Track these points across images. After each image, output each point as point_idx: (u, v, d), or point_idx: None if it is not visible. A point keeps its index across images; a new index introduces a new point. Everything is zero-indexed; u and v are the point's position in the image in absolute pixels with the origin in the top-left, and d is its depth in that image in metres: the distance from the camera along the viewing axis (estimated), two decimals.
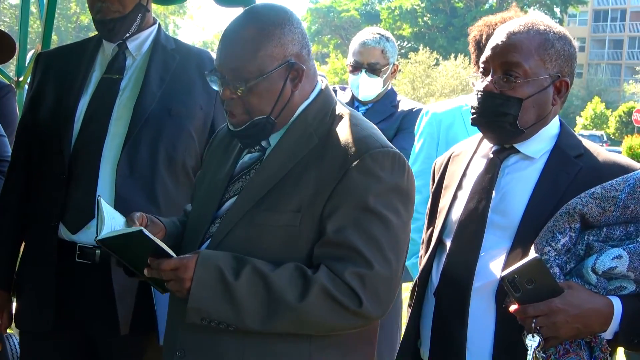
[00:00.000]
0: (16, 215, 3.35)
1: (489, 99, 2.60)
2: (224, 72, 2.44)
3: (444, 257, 2.69)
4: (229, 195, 2.53)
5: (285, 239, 2.39)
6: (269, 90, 2.43)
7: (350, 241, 2.32)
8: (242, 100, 2.42)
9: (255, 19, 2.45)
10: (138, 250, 2.36)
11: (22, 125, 3.45)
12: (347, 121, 2.50)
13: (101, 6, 3.19)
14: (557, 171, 2.58)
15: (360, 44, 4.80)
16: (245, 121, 2.45)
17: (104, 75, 3.29)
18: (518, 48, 2.57)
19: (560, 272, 2.39)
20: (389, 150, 2.42)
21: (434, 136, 4.11)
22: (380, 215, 2.35)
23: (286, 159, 2.45)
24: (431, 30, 66.68)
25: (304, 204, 2.37)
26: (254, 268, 2.33)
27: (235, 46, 2.43)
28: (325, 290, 2.29)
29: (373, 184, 2.35)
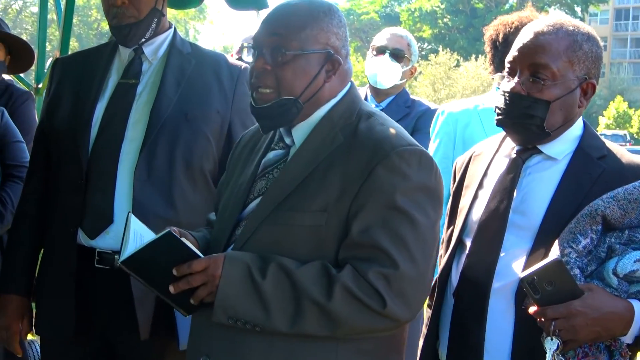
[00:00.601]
0: (35, 222, 3.34)
1: (516, 100, 2.57)
2: (264, 41, 2.43)
3: (463, 257, 2.67)
4: (253, 195, 2.51)
5: (311, 240, 2.36)
6: (304, 70, 2.43)
7: (375, 240, 2.28)
8: (275, 72, 2.41)
9: (309, 2, 2.49)
10: (164, 261, 2.31)
11: (39, 131, 3.45)
12: (374, 120, 2.48)
13: (117, 12, 3.19)
14: (580, 172, 2.56)
15: (389, 32, 4.94)
16: (272, 99, 2.42)
17: (120, 80, 3.28)
18: (546, 49, 2.54)
19: (581, 274, 2.36)
20: (416, 148, 2.39)
21: (450, 136, 4.09)
22: (407, 214, 2.31)
23: (311, 158, 2.43)
24: (451, 31, 66.54)
25: (329, 204, 2.35)
26: (279, 265, 2.31)
27: (284, 16, 2.45)
28: (348, 290, 2.26)
29: (400, 181, 2.32)
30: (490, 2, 64.74)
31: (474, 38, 62.61)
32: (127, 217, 2.48)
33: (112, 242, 3.11)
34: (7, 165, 4.06)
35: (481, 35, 4.45)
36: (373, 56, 4.87)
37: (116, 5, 3.17)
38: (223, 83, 3.29)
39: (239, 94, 3.31)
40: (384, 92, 4.84)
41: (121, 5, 3.17)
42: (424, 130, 4.63)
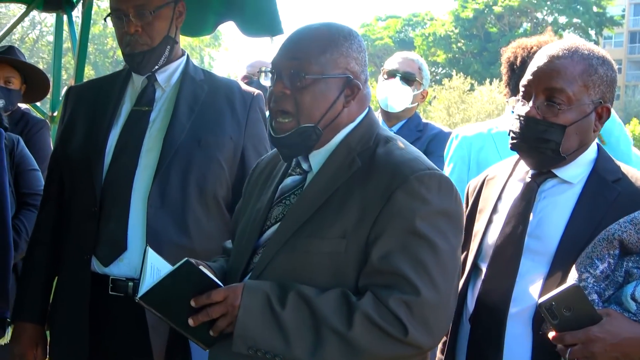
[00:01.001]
0: (49, 249, 3.34)
1: (532, 124, 2.56)
2: (283, 65, 2.41)
3: (479, 282, 2.65)
4: (270, 222, 2.49)
5: (330, 267, 2.31)
6: (324, 95, 2.40)
7: (396, 267, 2.24)
8: (294, 97, 2.39)
9: (328, 26, 2.48)
10: (182, 293, 2.29)
11: (53, 159, 3.46)
12: (392, 145, 2.45)
13: (130, 39, 3.21)
14: (595, 196, 2.55)
15: (400, 56, 4.94)
16: (292, 127, 2.39)
17: (133, 108, 3.30)
18: (562, 73, 2.54)
19: (599, 299, 2.34)
20: (436, 172, 2.35)
21: (464, 159, 4.07)
22: (428, 239, 2.26)
23: (328, 184, 2.40)
24: (465, 55, 66.61)
25: (348, 230, 2.30)
26: (298, 293, 2.27)
27: (304, 40, 2.44)
28: (369, 318, 2.21)
29: (419, 206, 2.27)
30: (505, 27, 64.81)
31: (488, 62, 62.67)
32: (145, 251, 2.46)
33: (126, 269, 3.11)
34: (22, 193, 4.08)
35: (495, 60, 4.46)
36: (384, 80, 4.87)
37: (129, 33, 3.19)
38: (236, 109, 3.29)
39: (251, 120, 3.31)
40: (395, 115, 4.84)
41: (134, 33, 3.19)
42: (436, 153, 4.62)
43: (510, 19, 65.09)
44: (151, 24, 3.19)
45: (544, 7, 65.09)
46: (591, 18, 64.60)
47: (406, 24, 73.92)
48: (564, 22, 65.58)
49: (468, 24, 65.99)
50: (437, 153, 4.58)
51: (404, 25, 73.69)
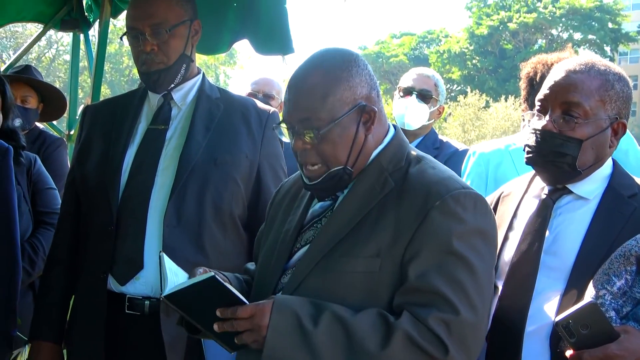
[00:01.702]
0: (66, 268, 3.35)
1: (548, 138, 2.56)
2: (294, 122, 2.38)
3: (495, 299, 2.64)
4: (300, 244, 2.47)
5: (364, 286, 2.29)
6: (343, 136, 2.36)
7: (433, 286, 2.21)
8: (316, 150, 2.36)
9: (320, 64, 2.41)
10: (207, 302, 2.28)
11: (70, 178, 3.47)
12: (424, 164, 2.43)
13: (146, 58, 3.22)
14: (611, 212, 2.54)
15: (415, 72, 4.92)
16: (322, 173, 2.39)
17: (150, 126, 3.31)
18: (579, 87, 2.54)
19: (617, 315, 2.32)
20: (471, 191, 2.34)
21: (482, 176, 4.05)
22: (464, 259, 2.25)
23: (361, 204, 2.38)
24: (480, 72, 66.57)
25: (383, 249, 2.28)
26: (333, 314, 2.23)
27: (303, 95, 2.37)
28: (409, 338, 2.18)
29: (455, 225, 2.26)
30: (519, 43, 64.78)
31: (503, 79, 62.62)
32: (160, 257, 2.46)
33: (143, 287, 3.11)
34: (40, 212, 4.09)
35: (510, 76, 4.44)
36: (400, 97, 4.86)
37: (145, 51, 3.20)
38: (252, 127, 3.30)
39: (267, 138, 3.31)
40: (412, 133, 4.82)
41: (150, 51, 3.20)
42: None
43: (525, 36, 65.06)
44: (167, 43, 3.21)
45: (559, 23, 65.02)
46: (606, 34, 64.48)
47: (421, 41, 74.00)
48: (579, 38, 65.49)
49: (483, 41, 65.99)
50: (456, 171, 4.56)
51: (419, 42, 73.77)
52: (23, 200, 4.02)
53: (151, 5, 3.20)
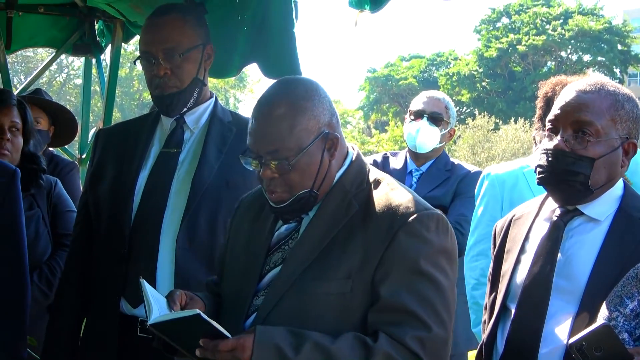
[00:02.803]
0: (79, 290, 3.36)
1: (560, 157, 2.56)
2: (261, 153, 2.42)
3: (508, 323, 2.64)
4: (270, 266, 2.52)
5: (336, 307, 2.36)
6: (309, 164, 2.42)
7: (405, 305, 2.30)
8: (284, 179, 2.42)
9: (285, 95, 2.46)
10: (192, 333, 2.33)
11: (83, 201, 3.48)
12: (386, 186, 2.50)
13: (159, 82, 3.24)
14: (623, 233, 2.54)
15: (425, 96, 4.92)
16: (288, 198, 2.44)
17: (162, 150, 3.33)
18: (590, 107, 2.55)
19: (630, 337, 2.32)
20: (433, 212, 2.42)
21: (497, 198, 4.05)
22: (431, 278, 2.34)
23: (328, 227, 2.45)
24: (490, 94, 66.53)
25: (353, 271, 2.36)
26: (314, 342, 2.28)
27: (271, 127, 2.41)
28: (389, 358, 2.26)
29: (422, 246, 2.35)
30: (529, 66, 64.78)
31: (513, 101, 62.57)
32: (141, 283, 2.50)
33: None
34: (59, 234, 4.11)
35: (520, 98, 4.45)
36: (411, 120, 4.86)
37: (159, 75, 3.23)
38: None
39: None
40: (423, 156, 4.83)
41: (164, 75, 3.22)
42: (465, 194, 4.60)
43: (534, 58, 65.05)
44: (180, 67, 3.23)
45: (568, 45, 65.00)
46: (616, 56, 64.43)
47: (430, 64, 74.03)
48: (589, 60, 65.45)
49: (492, 63, 65.99)
50: (467, 194, 4.57)
51: (428, 65, 73.79)
52: (42, 223, 4.04)
53: (164, 29, 3.23)
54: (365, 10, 3.41)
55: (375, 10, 3.37)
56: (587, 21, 63.59)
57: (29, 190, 3.96)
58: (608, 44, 64.12)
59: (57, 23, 5.50)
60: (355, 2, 3.45)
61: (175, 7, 3.39)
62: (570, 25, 63.19)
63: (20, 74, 47.26)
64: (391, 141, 53.56)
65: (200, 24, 3.35)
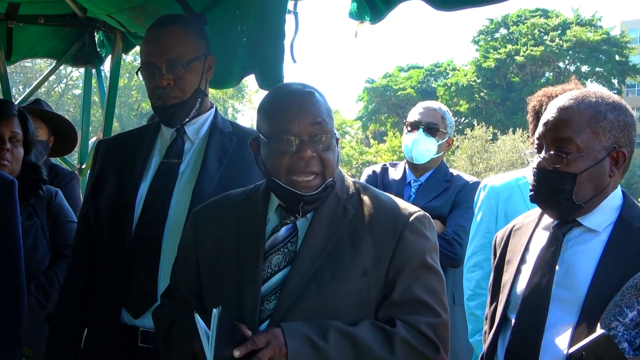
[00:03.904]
0: (79, 301, 3.35)
1: (544, 175, 2.60)
2: (306, 131, 2.56)
3: (508, 333, 2.65)
4: (272, 270, 2.60)
5: (355, 303, 2.54)
6: (336, 151, 2.63)
7: (417, 296, 2.55)
8: (321, 159, 2.58)
9: (314, 88, 2.67)
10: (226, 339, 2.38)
11: (83, 212, 3.48)
12: (372, 191, 2.75)
13: (162, 92, 3.25)
14: (622, 243, 2.55)
15: (422, 106, 4.93)
16: (319, 184, 2.59)
17: (163, 160, 3.33)
18: (568, 123, 2.57)
19: (629, 347, 2.33)
20: (425, 213, 2.71)
21: (492, 210, 4.07)
22: (433, 269, 2.63)
23: (330, 229, 2.62)
24: (488, 105, 66.57)
25: (368, 268, 2.56)
26: (338, 329, 2.46)
27: (315, 104, 2.61)
28: (407, 342, 2.50)
29: (425, 242, 2.64)
30: (527, 76, 64.88)
31: (511, 111, 62.62)
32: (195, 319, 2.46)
33: None
34: (58, 244, 4.11)
35: (518, 109, 4.46)
36: (408, 132, 4.87)
37: (161, 86, 3.23)
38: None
39: None
40: (422, 167, 4.84)
41: (166, 86, 3.23)
42: (464, 205, 4.61)
43: (532, 69, 65.20)
44: (183, 78, 3.25)
45: (566, 56, 65.15)
46: (614, 67, 64.57)
47: (428, 74, 74.11)
48: (587, 71, 65.59)
49: (490, 74, 66.10)
50: (465, 205, 4.58)
51: (426, 75, 73.87)
52: (41, 233, 4.05)
53: (167, 40, 3.24)
54: (365, 21, 3.42)
55: (375, 21, 3.38)
56: (585, 32, 63.75)
57: (28, 200, 3.96)
58: (606, 54, 64.28)
59: (58, 34, 5.52)
60: (355, 13, 3.46)
61: (177, 18, 3.41)
62: (568, 36, 63.34)
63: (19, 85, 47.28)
64: (389, 151, 53.62)
65: (201, 35, 3.36)
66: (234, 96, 60.50)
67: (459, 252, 4.49)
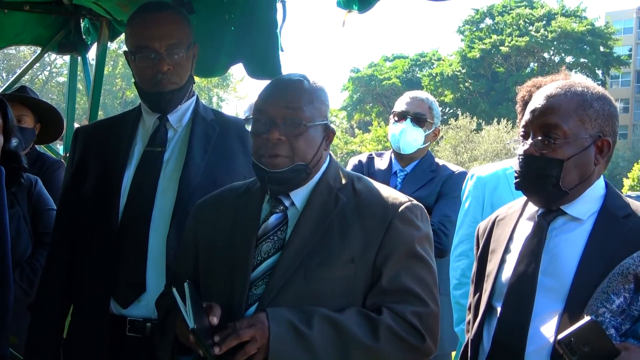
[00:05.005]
0: (62, 290, 3.33)
1: (531, 161, 2.61)
2: (277, 113, 2.61)
3: (494, 322, 2.66)
4: (262, 257, 2.65)
5: (341, 290, 2.57)
6: (313, 140, 2.65)
7: (405, 284, 2.57)
8: (290, 142, 2.61)
9: (306, 78, 2.72)
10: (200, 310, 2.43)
11: (64, 202, 3.44)
12: (365, 181, 2.79)
13: (161, 78, 3.22)
14: (606, 232, 2.56)
15: (409, 96, 4.92)
16: (287, 164, 2.62)
17: (146, 148, 3.30)
18: (556, 110, 2.59)
19: (616, 333, 2.34)
20: (417, 202, 2.74)
21: (479, 199, 4.09)
22: (423, 259, 2.65)
23: (320, 217, 2.65)
24: (473, 95, 66.73)
25: (356, 255, 2.58)
26: (322, 316, 2.49)
27: (295, 91, 2.66)
28: (392, 330, 2.51)
29: (414, 232, 2.65)
30: (512, 67, 65.03)
31: (496, 102, 62.81)
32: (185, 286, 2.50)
33: (144, 310, 3.11)
34: (40, 233, 4.09)
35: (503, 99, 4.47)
36: (395, 122, 4.87)
37: (161, 71, 3.21)
38: (247, 148, 3.30)
39: None
40: (407, 157, 4.83)
41: (166, 71, 3.21)
42: (449, 195, 4.62)
43: (517, 59, 65.35)
44: (180, 64, 3.24)
45: (551, 47, 65.34)
46: (598, 58, 64.84)
47: (413, 64, 74.21)
48: (571, 61, 65.81)
49: (475, 64, 66.25)
50: (451, 195, 4.59)
51: (411, 65, 73.96)
52: (23, 221, 4.02)
53: (165, 25, 3.22)
54: (353, 11, 3.41)
55: (363, 10, 3.37)
56: (570, 23, 63.94)
57: (9, 188, 3.94)
58: (590, 45, 64.54)
59: (43, 21, 5.47)
60: (343, 2, 3.45)
61: (166, 4, 3.38)
62: (553, 26, 63.53)
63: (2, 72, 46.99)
64: (374, 141, 53.62)
65: (189, 22, 3.35)
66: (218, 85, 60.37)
67: (444, 242, 4.50)
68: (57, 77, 57.53)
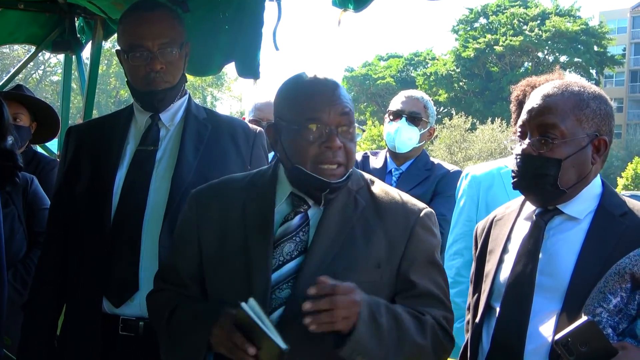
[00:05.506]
0: (54, 290, 3.31)
1: (528, 161, 2.61)
2: (338, 121, 2.58)
3: (493, 322, 2.66)
4: (284, 258, 2.58)
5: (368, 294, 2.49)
6: (356, 143, 2.66)
7: (431, 290, 2.64)
8: (346, 149, 2.59)
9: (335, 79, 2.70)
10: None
11: (56, 201, 3.43)
12: (380, 184, 2.78)
13: (155, 76, 3.21)
14: (603, 231, 2.57)
15: (404, 95, 4.92)
16: (344, 173, 2.61)
17: (139, 147, 3.28)
18: (553, 109, 2.59)
19: (613, 332, 2.34)
20: (432, 209, 2.76)
21: (474, 198, 4.09)
22: (440, 267, 2.72)
23: (342, 220, 2.63)
24: (467, 94, 66.78)
25: (382, 261, 2.60)
26: (386, 306, 2.51)
27: (342, 92, 2.62)
28: (435, 331, 2.58)
29: (433, 239, 2.71)
30: (506, 66, 65.09)
31: (490, 101, 62.87)
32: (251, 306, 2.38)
33: (137, 309, 3.10)
34: (35, 232, 4.08)
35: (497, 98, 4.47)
36: (390, 121, 4.87)
37: (154, 70, 3.20)
38: (240, 147, 3.31)
39: (255, 158, 3.34)
40: (402, 155, 4.83)
41: (159, 70, 3.20)
42: (444, 193, 4.62)
43: (511, 59, 65.41)
44: (173, 63, 3.23)
45: (545, 46, 65.40)
46: (592, 57, 64.92)
47: (407, 63, 74.22)
48: (565, 61, 65.86)
49: (469, 64, 66.28)
50: (446, 193, 4.59)
51: (406, 64, 73.97)
52: (17, 221, 4.01)
53: (159, 24, 3.22)
54: (348, 10, 3.41)
55: (359, 9, 3.37)
56: (564, 22, 64.02)
57: (4, 187, 3.92)
58: (584, 45, 64.61)
59: (37, 19, 5.45)
60: (338, 2, 3.45)
61: (159, 3, 3.37)
62: (547, 26, 63.59)
63: None
64: (368, 140, 53.59)
65: (182, 20, 3.35)
66: (213, 84, 60.35)
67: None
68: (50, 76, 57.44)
